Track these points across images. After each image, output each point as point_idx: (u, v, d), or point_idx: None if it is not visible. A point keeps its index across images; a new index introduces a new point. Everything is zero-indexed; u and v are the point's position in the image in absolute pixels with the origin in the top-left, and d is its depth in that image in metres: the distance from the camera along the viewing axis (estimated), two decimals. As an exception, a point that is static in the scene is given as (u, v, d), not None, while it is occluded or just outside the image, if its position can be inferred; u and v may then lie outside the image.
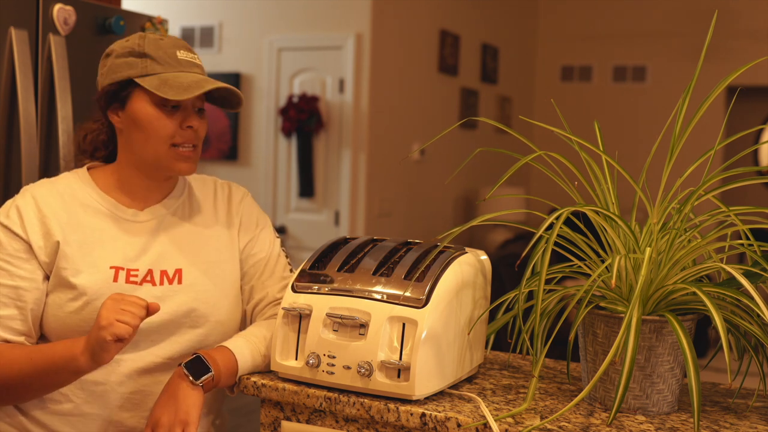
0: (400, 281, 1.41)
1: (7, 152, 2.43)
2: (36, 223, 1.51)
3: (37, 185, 1.57)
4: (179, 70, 1.52)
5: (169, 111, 1.52)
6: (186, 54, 1.55)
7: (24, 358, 1.44)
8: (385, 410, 1.35)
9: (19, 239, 1.50)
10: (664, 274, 1.34)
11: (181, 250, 1.58)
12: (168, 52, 1.53)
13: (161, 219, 1.59)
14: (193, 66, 1.55)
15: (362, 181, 5.39)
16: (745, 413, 1.39)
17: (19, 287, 1.49)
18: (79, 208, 1.55)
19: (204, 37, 5.87)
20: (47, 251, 1.50)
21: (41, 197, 1.54)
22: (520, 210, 1.51)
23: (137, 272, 1.54)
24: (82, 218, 1.54)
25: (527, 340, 1.43)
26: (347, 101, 5.38)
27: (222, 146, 5.83)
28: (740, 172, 1.35)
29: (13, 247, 1.50)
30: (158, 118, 1.51)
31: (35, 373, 1.43)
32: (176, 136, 1.53)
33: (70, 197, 1.56)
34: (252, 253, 1.66)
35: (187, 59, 1.55)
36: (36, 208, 1.52)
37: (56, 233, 1.51)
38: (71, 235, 1.52)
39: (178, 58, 1.53)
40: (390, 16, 5.52)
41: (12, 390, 1.46)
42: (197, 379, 1.44)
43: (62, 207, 1.54)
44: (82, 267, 1.50)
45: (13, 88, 2.41)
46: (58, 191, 1.56)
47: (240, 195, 1.70)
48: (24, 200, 1.53)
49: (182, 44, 1.57)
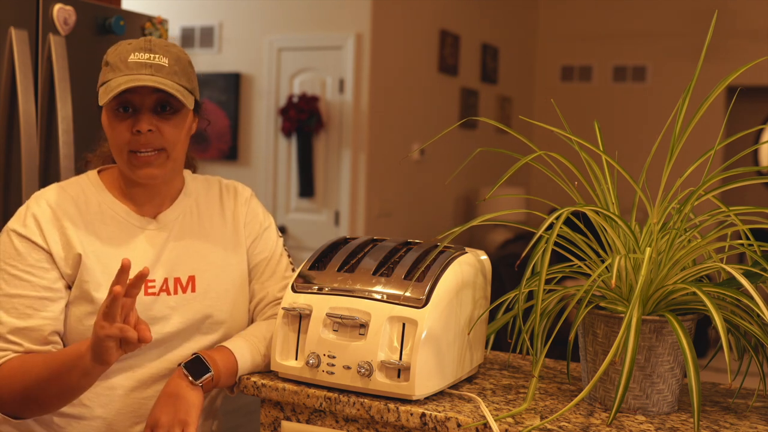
0: (400, 281, 1.41)
1: (7, 152, 2.43)
2: (56, 232, 1.48)
3: (50, 192, 1.54)
4: (125, 74, 1.45)
5: (121, 116, 1.48)
6: (140, 56, 1.47)
7: (40, 363, 1.42)
8: (385, 410, 1.35)
9: (39, 249, 1.47)
10: (664, 274, 1.34)
11: (192, 256, 1.58)
12: (122, 57, 1.47)
13: (171, 225, 1.58)
14: (141, 67, 1.46)
15: (362, 181, 5.39)
16: (745, 413, 1.39)
17: (44, 298, 1.46)
18: (95, 216, 1.53)
19: (204, 37, 5.87)
20: (69, 263, 1.48)
21: (58, 206, 1.51)
22: (520, 210, 1.51)
23: (154, 283, 1.53)
24: (98, 227, 1.52)
25: (527, 340, 1.43)
26: (347, 101, 5.38)
27: (222, 146, 5.83)
28: (740, 172, 1.35)
29: (34, 258, 1.47)
30: (112, 125, 1.49)
31: (50, 377, 1.40)
32: (131, 143, 1.47)
33: (84, 204, 1.53)
34: (255, 253, 1.66)
35: (138, 61, 1.46)
36: (54, 217, 1.49)
37: (77, 245, 1.48)
38: (89, 247, 1.49)
39: (128, 62, 1.46)
40: (390, 16, 5.52)
41: (33, 398, 1.43)
42: (197, 379, 1.44)
43: (78, 216, 1.51)
44: (102, 280, 1.48)
45: (13, 88, 2.41)
46: (72, 198, 1.53)
47: (246, 195, 1.69)
48: (40, 208, 1.50)
49: (143, 46, 1.49)
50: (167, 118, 1.50)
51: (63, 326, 1.49)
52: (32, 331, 1.45)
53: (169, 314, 1.53)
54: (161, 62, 1.48)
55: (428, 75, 6.02)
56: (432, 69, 6.05)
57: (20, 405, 1.45)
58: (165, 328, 1.52)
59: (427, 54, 5.98)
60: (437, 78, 6.12)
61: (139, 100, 1.47)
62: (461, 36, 6.37)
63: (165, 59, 1.48)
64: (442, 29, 6.10)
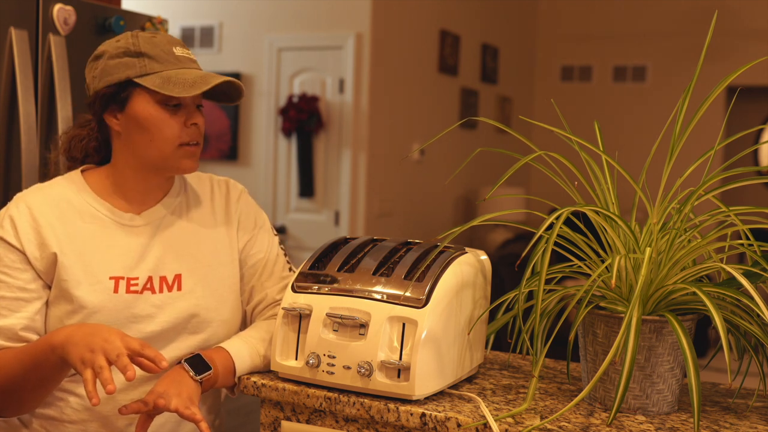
0: (400, 281, 1.41)
1: (7, 152, 2.43)
2: (31, 233, 1.48)
3: (30, 193, 1.53)
4: (180, 67, 1.50)
5: (171, 110, 1.50)
6: (182, 50, 1.53)
7: (11, 358, 1.43)
8: (385, 410, 1.35)
9: (14, 250, 1.47)
10: (664, 274, 1.34)
11: (179, 254, 1.56)
12: (165, 49, 1.50)
13: (159, 221, 1.57)
14: (191, 62, 1.53)
15: (362, 181, 5.39)
16: (745, 413, 1.39)
17: (19, 298, 1.47)
18: (75, 216, 1.52)
19: (204, 37, 5.87)
20: (43, 262, 1.48)
21: (36, 206, 1.50)
22: (520, 210, 1.51)
23: (137, 281, 1.52)
24: (79, 226, 1.51)
25: (527, 340, 1.43)
26: (347, 101, 5.38)
27: (222, 146, 5.83)
28: (740, 172, 1.35)
29: (10, 258, 1.47)
30: (162, 118, 1.49)
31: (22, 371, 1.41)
32: (182, 135, 1.51)
33: (66, 204, 1.52)
34: (251, 254, 1.65)
35: (185, 55, 1.52)
36: (31, 218, 1.49)
37: (52, 244, 1.48)
38: (68, 246, 1.49)
39: (177, 55, 1.50)
40: (390, 16, 5.52)
41: (9, 392, 1.44)
42: (198, 375, 1.44)
43: (57, 216, 1.50)
44: (82, 278, 1.48)
45: (13, 88, 2.41)
46: (52, 198, 1.52)
47: (237, 192, 1.68)
48: (18, 210, 1.50)
49: (176, 41, 1.54)
50: (201, 114, 1.55)
51: (40, 326, 1.49)
52: (7, 330, 1.46)
53: (153, 313, 1.51)
54: (195, 58, 1.57)
55: (428, 75, 6.02)
56: (432, 69, 6.05)
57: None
58: (148, 327, 1.51)
59: (427, 54, 5.98)
60: (437, 78, 6.13)
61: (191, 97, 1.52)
62: (461, 36, 6.37)
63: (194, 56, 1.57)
64: (442, 29, 6.10)
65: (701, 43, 1.40)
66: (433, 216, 6.22)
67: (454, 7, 6.29)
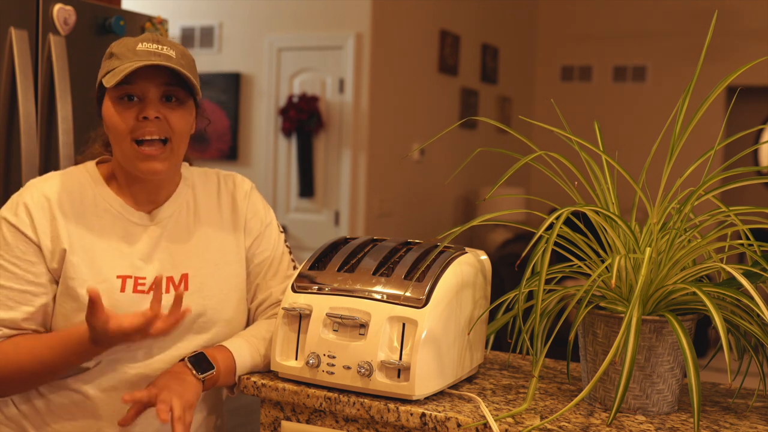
0: (400, 281, 1.41)
1: (7, 152, 2.43)
2: (46, 224, 1.47)
3: (45, 181, 1.51)
4: (135, 60, 1.44)
5: (126, 104, 1.46)
6: (147, 45, 1.45)
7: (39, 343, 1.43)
8: (385, 410, 1.35)
9: (29, 241, 1.46)
10: (664, 274, 1.34)
11: (186, 253, 1.56)
12: (130, 47, 1.46)
13: (166, 221, 1.56)
14: (150, 55, 1.44)
15: (362, 181, 5.39)
16: (745, 413, 1.39)
17: (27, 291, 1.46)
18: (88, 209, 1.51)
19: (204, 37, 5.87)
20: (55, 256, 1.47)
21: (51, 196, 1.48)
22: (520, 210, 1.51)
23: (144, 281, 1.51)
24: (90, 220, 1.50)
25: (527, 340, 1.43)
26: (347, 101, 5.38)
27: (222, 146, 5.83)
28: (740, 172, 1.35)
29: (21, 249, 1.46)
30: (114, 112, 1.45)
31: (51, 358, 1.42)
32: (135, 130, 1.45)
33: (79, 196, 1.51)
34: (257, 253, 1.64)
35: (147, 50, 1.45)
36: (47, 208, 1.47)
37: (64, 240, 1.47)
38: (78, 242, 1.48)
39: (137, 50, 1.45)
40: (390, 16, 5.52)
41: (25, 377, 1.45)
42: (201, 374, 1.44)
43: (71, 209, 1.49)
44: (89, 276, 1.47)
45: (13, 88, 2.41)
46: (66, 189, 1.51)
47: (245, 189, 1.66)
48: (33, 198, 1.48)
49: (151, 38, 1.48)
50: (173, 108, 1.48)
51: (44, 319, 1.49)
52: (10, 322, 1.46)
53: None
54: (169, 53, 1.46)
55: (428, 75, 6.02)
56: (432, 69, 6.05)
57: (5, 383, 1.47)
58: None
59: (427, 54, 5.98)
60: (437, 78, 6.13)
61: (145, 88, 1.45)
62: (461, 36, 6.37)
63: (172, 51, 1.47)
64: (442, 29, 6.10)
65: (701, 43, 1.40)
66: (433, 216, 6.22)
67: (454, 7, 6.29)
